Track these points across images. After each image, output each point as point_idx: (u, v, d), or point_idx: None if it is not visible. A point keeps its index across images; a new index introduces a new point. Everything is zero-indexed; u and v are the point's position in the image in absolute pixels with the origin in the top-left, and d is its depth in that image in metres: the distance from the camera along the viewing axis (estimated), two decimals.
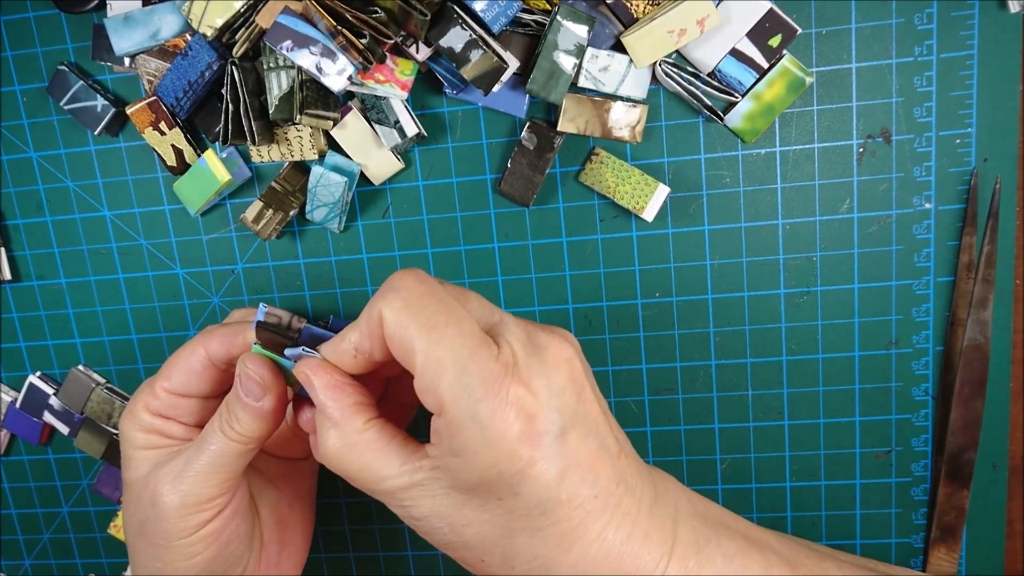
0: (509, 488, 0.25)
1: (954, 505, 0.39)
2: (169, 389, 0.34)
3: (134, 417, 0.35)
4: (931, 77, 0.36)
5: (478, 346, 0.26)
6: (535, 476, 0.25)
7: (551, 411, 0.26)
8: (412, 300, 0.27)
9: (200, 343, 0.34)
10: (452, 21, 0.34)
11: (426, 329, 0.26)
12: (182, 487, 0.32)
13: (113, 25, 0.37)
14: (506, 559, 0.27)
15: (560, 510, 0.26)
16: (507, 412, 0.25)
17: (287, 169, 0.39)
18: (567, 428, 0.26)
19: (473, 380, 0.25)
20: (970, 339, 0.38)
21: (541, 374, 0.26)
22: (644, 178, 0.38)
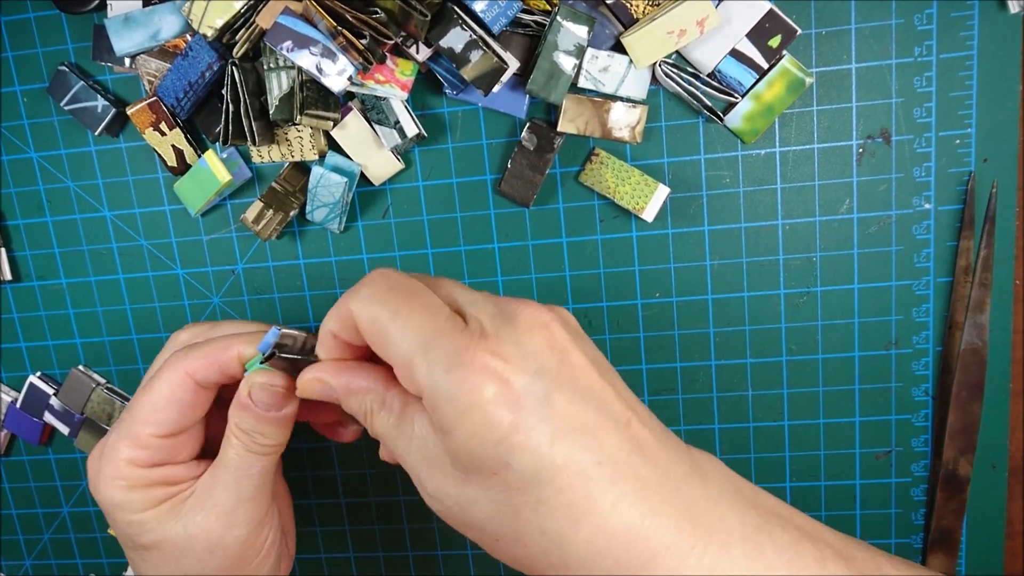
0: (498, 459, 0.24)
1: (952, 508, 0.39)
2: (159, 434, 0.32)
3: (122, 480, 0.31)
4: (931, 78, 0.36)
5: (442, 323, 0.25)
6: (522, 442, 0.24)
7: (528, 374, 0.25)
8: (377, 293, 0.27)
9: (180, 370, 0.32)
10: (452, 21, 0.34)
11: (391, 316, 0.26)
12: (240, 518, 0.32)
13: (113, 26, 0.37)
14: (516, 538, 0.25)
15: (559, 477, 0.24)
16: (476, 379, 0.24)
17: (287, 169, 0.39)
18: (552, 391, 0.25)
19: (439, 355, 0.25)
20: (967, 343, 0.38)
21: (512, 340, 0.25)
22: (644, 178, 0.38)
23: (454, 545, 0.45)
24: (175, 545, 0.32)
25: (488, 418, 0.24)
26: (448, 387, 0.24)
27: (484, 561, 0.44)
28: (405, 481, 0.44)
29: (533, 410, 0.24)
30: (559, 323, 0.27)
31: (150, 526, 0.32)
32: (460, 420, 0.24)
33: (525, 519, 0.25)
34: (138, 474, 0.32)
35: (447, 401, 0.24)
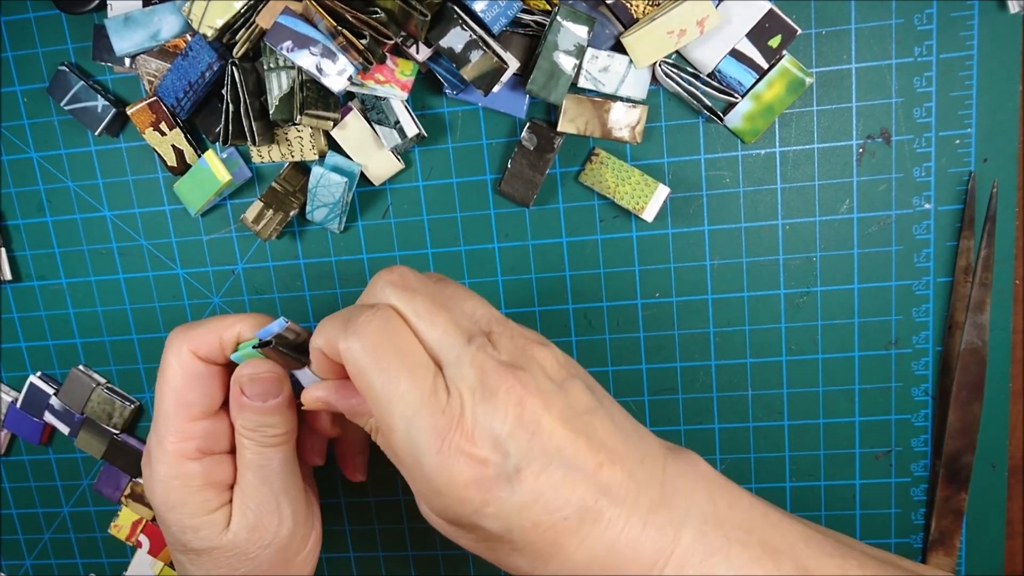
0: (472, 525, 0.27)
1: (952, 508, 0.39)
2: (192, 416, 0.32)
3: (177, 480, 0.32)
4: (931, 78, 0.36)
5: (426, 399, 0.27)
6: (493, 513, 0.26)
7: (499, 457, 0.26)
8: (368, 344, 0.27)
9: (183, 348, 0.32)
10: (452, 21, 0.34)
11: (378, 377, 0.27)
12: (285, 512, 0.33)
13: (113, 26, 0.37)
14: (501, 565, 0.29)
15: (529, 535, 0.27)
16: (454, 463, 0.26)
17: (287, 169, 0.39)
18: (521, 466, 0.26)
19: (421, 435, 0.26)
20: (967, 343, 0.38)
21: (487, 424, 0.27)
22: (644, 178, 0.38)
23: (454, 545, 0.44)
24: (228, 551, 0.33)
25: (462, 499, 0.26)
26: (428, 467, 0.26)
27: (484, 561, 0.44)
28: (405, 481, 0.44)
29: (503, 487, 0.26)
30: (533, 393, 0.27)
31: (204, 533, 0.32)
32: (437, 496, 0.27)
33: (503, 556, 0.28)
34: (190, 469, 0.32)
35: (425, 480, 0.27)
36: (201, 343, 0.32)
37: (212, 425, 0.33)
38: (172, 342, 0.32)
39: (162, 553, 0.46)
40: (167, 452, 0.32)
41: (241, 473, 0.33)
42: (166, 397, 0.32)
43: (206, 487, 0.32)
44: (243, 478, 0.33)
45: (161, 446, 0.32)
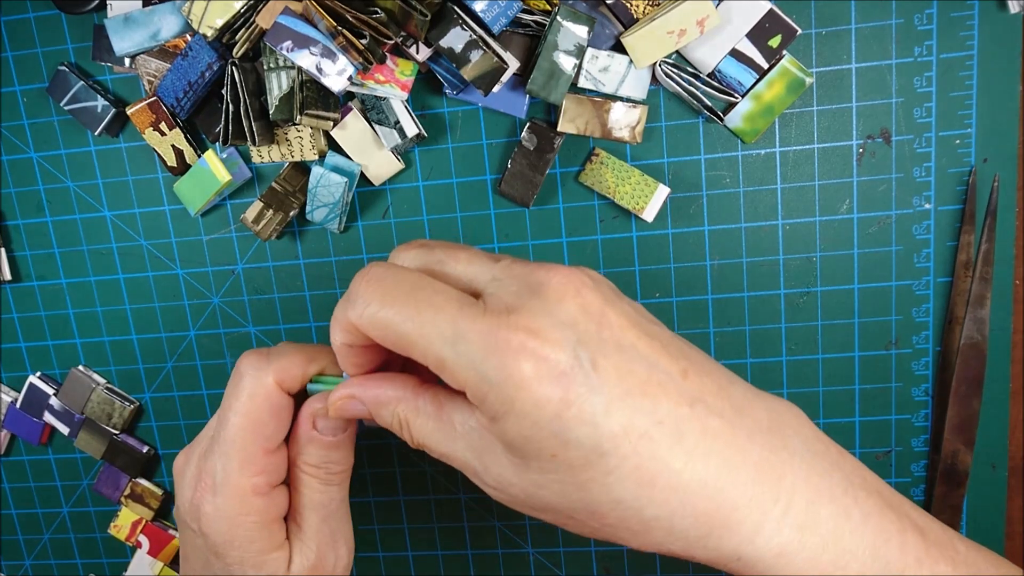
0: (555, 439, 0.23)
1: (950, 503, 0.39)
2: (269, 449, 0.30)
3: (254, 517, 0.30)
4: (931, 77, 0.36)
5: (460, 313, 0.24)
6: (576, 416, 0.23)
7: (568, 345, 0.23)
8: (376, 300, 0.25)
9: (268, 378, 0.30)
10: (452, 21, 0.34)
11: (403, 320, 0.25)
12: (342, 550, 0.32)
13: (113, 25, 0.37)
14: (591, 513, 0.24)
15: (622, 445, 0.23)
16: (515, 361, 0.23)
17: (287, 169, 0.39)
18: (596, 358, 0.23)
19: (469, 346, 0.23)
20: (967, 337, 0.38)
21: (543, 312, 0.24)
22: (644, 178, 0.38)
23: (454, 545, 0.45)
24: None
25: (537, 398, 0.23)
26: (489, 375, 0.23)
27: (484, 561, 0.44)
28: (405, 481, 0.44)
29: (581, 382, 0.23)
30: (590, 286, 0.25)
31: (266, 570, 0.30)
32: (509, 406, 0.23)
33: (595, 494, 0.24)
34: (257, 505, 0.30)
35: (491, 389, 0.23)
36: (286, 375, 0.30)
37: (279, 456, 0.31)
38: (254, 371, 0.30)
39: (162, 553, 0.46)
40: (239, 487, 0.29)
41: (301, 512, 0.31)
42: (244, 429, 0.29)
43: (271, 522, 0.30)
44: (304, 517, 0.31)
45: (230, 480, 0.29)
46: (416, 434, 0.27)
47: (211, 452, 0.30)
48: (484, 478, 0.26)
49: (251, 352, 0.31)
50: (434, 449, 0.27)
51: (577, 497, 0.24)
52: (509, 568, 0.44)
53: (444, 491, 0.44)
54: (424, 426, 0.27)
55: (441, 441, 0.26)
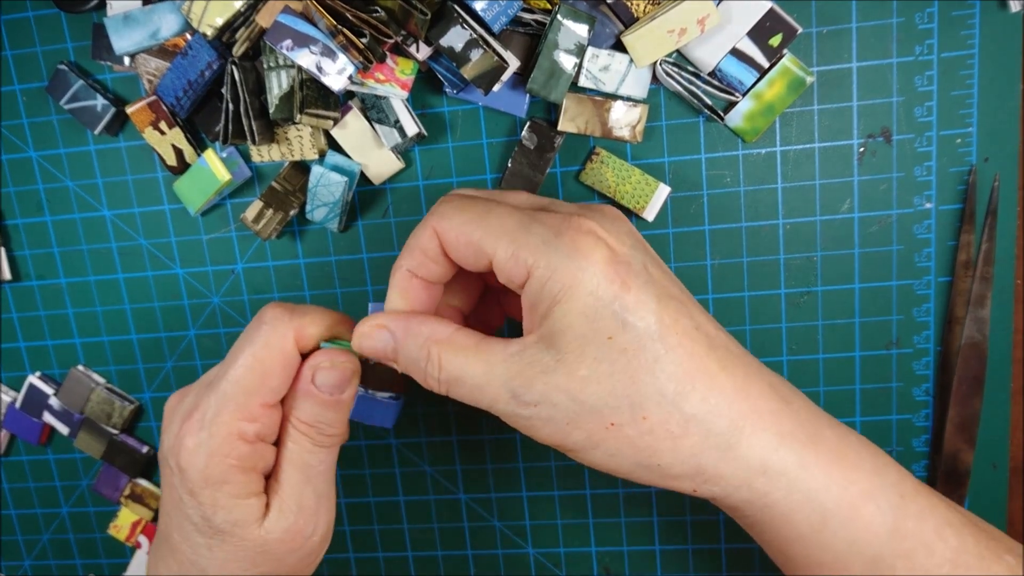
0: (614, 318, 0.25)
1: None
2: (268, 403, 0.30)
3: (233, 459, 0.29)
4: (932, 76, 0.36)
5: (534, 212, 0.27)
6: (634, 301, 0.25)
7: (627, 245, 0.26)
8: (458, 206, 0.28)
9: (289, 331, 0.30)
10: (452, 20, 0.34)
11: (482, 218, 0.27)
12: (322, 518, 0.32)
13: (113, 24, 0.37)
14: (635, 409, 0.26)
15: (669, 336, 0.25)
16: (586, 239, 0.25)
17: (287, 169, 0.39)
18: (647, 263, 0.26)
19: (543, 229, 0.26)
20: (968, 337, 0.38)
21: (604, 221, 0.27)
22: (644, 178, 0.38)
23: (454, 545, 0.44)
24: (255, 545, 0.30)
25: (605, 275, 0.25)
26: (560, 249, 0.25)
27: (484, 561, 0.44)
28: (405, 481, 0.44)
29: (639, 274, 0.26)
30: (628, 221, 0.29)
31: (236, 515, 0.30)
32: (576, 281, 0.25)
33: (643, 384, 0.25)
34: (241, 450, 0.29)
35: (561, 265, 0.25)
36: (305, 332, 0.30)
37: (276, 413, 0.31)
38: (277, 322, 0.30)
39: None
40: (228, 427, 0.29)
41: (285, 469, 0.31)
42: (251, 374, 0.29)
43: (249, 470, 0.30)
44: (287, 475, 0.31)
45: (220, 419, 0.29)
46: (448, 368, 0.28)
47: (209, 390, 0.30)
48: (525, 396, 0.26)
49: (276, 304, 0.31)
50: (466, 382, 0.27)
51: (623, 391, 0.25)
52: (509, 568, 0.44)
53: (444, 491, 0.44)
54: (457, 359, 0.27)
55: (477, 373, 0.27)
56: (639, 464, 0.27)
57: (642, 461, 0.26)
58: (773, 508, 0.26)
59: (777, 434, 0.26)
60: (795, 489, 0.26)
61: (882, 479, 0.27)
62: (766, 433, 0.26)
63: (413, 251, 0.29)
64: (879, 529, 0.26)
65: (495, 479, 0.43)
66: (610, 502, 0.43)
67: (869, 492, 0.27)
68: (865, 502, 0.27)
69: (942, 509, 0.28)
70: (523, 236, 0.26)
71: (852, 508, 0.26)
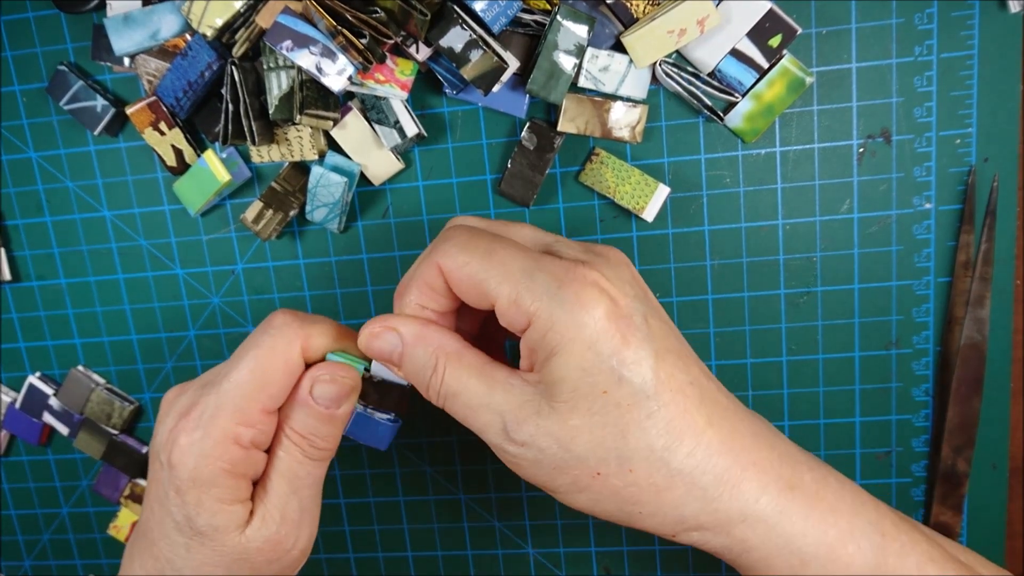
0: (611, 373, 0.26)
1: (950, 505, 0.39)
2: (268, 409, 0.30)
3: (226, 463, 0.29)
4: (931, 77, 0.36)
5: (539, 255, 0.27)
6: (633, 357, 0.26)
7: (628, 296, 0.26)
8: (463, 242, 0.28)
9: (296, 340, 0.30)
10: (452, 21, 0.34)
11: (486, 258, 0.27)
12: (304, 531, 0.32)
13: (113, 25, 0.37)
14: (622, 462, 0.26)
15: (663, 392, 0.26)
16: (589, 292, 0.26)
17: (287, 169, 0.39)
18: (647, 315, 0.27)
19: (546, 278, 0.26)
20: (967, 337, 0.38)
21: (608, 269, 0.27)
22: (644, 178, 0.38)
23: (454, 546, 0.44)
24: (234, 551, 0.30)
25: (604, 329, 0.25)
26: (563, 302, 0.26)
27: (484, 561, 0.44)
28: (405, 481, 0.44)
29: (638, 328, 0.26)
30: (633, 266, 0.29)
31: (219, 520, 0.30)
32: (576, 334, 0.25)
33: (633, 438, 0.26)
34: (234, 454, 0.29)
35: (563, 316, 0.25)
36: (313, 342, 0.30)
37: (273, 420, 0.31)
38: (285, 328, 0.30)
39: None
40: (222, 429, 0.29)
41: (273, 478, 0.31)
42: (253, 379, 0.29)
43: (239, 476, 0.30)
44: (273, 484, 0.31)
45: (217, 420, 0.29)
46: (449, 382, 0.28)
47: (209, 390, 0.30)
48: (515, 434, 0.27)
49: (286, 311, 0.31)
50: (464, 401, 0.28)
51: (612, 443, 0.26)
52: (509, 568, 0.44)
53: (444, 491, 0.44)
54: (461, 375, 0.28)
55: (476, 394, 0.27)
56: (620, 509, 0.27)
57: (624, 508, 0.27)
58: (752, 553, 0.27)
59: (759, 485, 0.27)
60: (774, 535, 0.27)
61: (861, 519, 0.28)
62: (748, 484, 0.27)
63: (420, 287, 0.29)
64: (860, 569, 0.27)
65: (495, 479, 0.43)
66: None
67: (849, 533, 0.27)
68: (845, 544, 0.27)
69: (923, 544, 0.28)
70: (526, 283, 0.26)
71: (831, 550, 0.27)
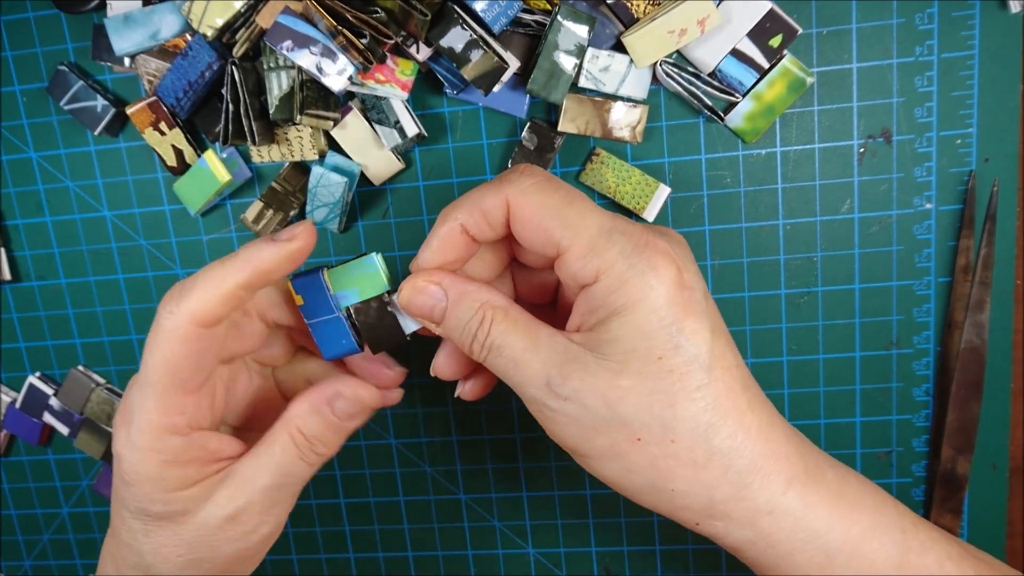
0: (669, 339, 0.26)
1: (950, 507, 0.39)
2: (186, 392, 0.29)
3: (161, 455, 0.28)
4: (932, 77, 0.36)
5: (614, 215, 0.27)
6: (693, 327, 0.26)
7: (691, 272, 0.27)
8: (539, 186, 0.27)
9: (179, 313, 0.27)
10: (452, 21, 0.34)
11: (566, 206, 0.27)
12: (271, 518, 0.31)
13: (113, 25, 0.37)
14: (666, 430, 0.26)
15: (716, 367, 0.26)
16: (661, 260, 0.26)
17: (287, 169, 0.39)
18: (705, 293, 0.27)
19: (623, 239, 0.26)
20: (967, 341, 0.38)
21: (674, 246, 0.27)
22: (645, 178, 0.38)
23: (454, 545, 0.44)
24: (193, 530, 0.30)
25: (671, 296, 0.26)
26: (636, 264, 0.26)
27: (484, 561, 0.44)
28: (405, 481, 0.44)
29: (699, 301, 0.26)
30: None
31: (174, 506, 0.29)
32: (644, 296, 0.25)
33: (680, 408, 0.26)
34: (173, 444, 0.28)
35: (634, 277, 0.26)
36: (201, 311, 0.28)
37: (204, 400, 0.30)
38: (167, 312, 0.28)
39: None
40: (153, 424, 0.28)
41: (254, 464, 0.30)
42: (160, 370, 0.28)
43: (187, 463, 0.29)
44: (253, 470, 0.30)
45: (144, 416, 0.28)
46: (495, 335, 0.28)
47: (136, 384, 0.29)
48: (559, 388, 0.26)
49: (170, 292, 0.29)
50: (507, 353, 0.27)
51: (659, 409, 0.26)
52: (509, 568, 0.44)
53: (444, 491, 0.44)
54: (508, 330, 0.28)
55: (521, 347, 0.27)
56: (652, 485, 0.27)
57: (656, 483, 0.27)
58: (776, 548, 0.27)
59: (787, 477, 0.27)
60: (799, 529, 0.27)
61: (883, 516, 0.28)
62: (778, 476, 0.27)
63: (473, 210, 0.28)
64: (884, 565, 0.27)
65: (495, 479, 0.43)
66: (610, 502, 0.43)
67: (872, 529, 0.27)
68: (868, 540, 0.27)
69: (942, 542, 0.29)
70: (603, 242, 0.26)
71: (856, 546, 0.27)
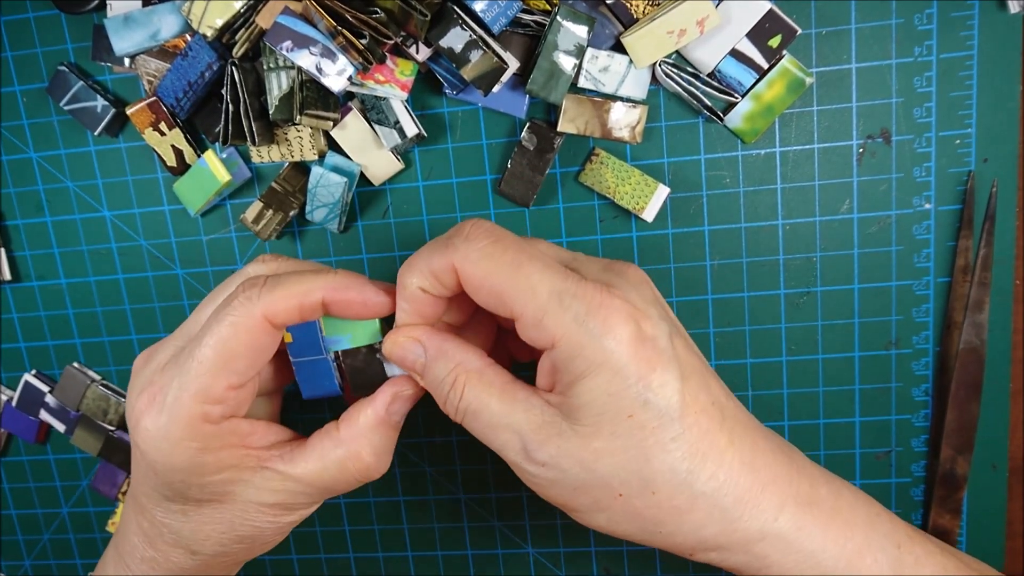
0: (637, 397, 0.25)
1: (949, 508, 0.39)
2: (234, 385, 0.28)
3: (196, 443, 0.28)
4: (931, 77, 0.36)
5: (566, 275, 0.26)
6: (659, 380, 0.25)
7: (653, 319, 0.26)
8: (487, 252, 0.27)
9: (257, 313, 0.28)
10: (452, 21, 0.34)
11: (513, 272, 0.26)
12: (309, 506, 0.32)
13: (113, 25, 0.37)
14: (645, 484, 0.26)
15: (687, 414, 0.26)
16: (617, 319, 0.25)
17: (287, 169, 0.39)
18: (672, 335, 0.26)
19: (574, 303, 0.25)
20: (966, 342, 0.38)
21: (632, 290, 0.27)
22: (644, 178, 0.38)
23: (454, 545, 0.44)
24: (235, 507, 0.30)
25: (633, 355, 0.25)
26: (591, 329, 0.25)
27: (484, 561, 0.44)
28: (405, 481, 0.44)
29: (664, 351, 0.26)
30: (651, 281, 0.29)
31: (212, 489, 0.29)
32: (604, 359, 0.25)
33: (657, 461, 0.26)
34: (209, 432, 0.28)
35: (591, 343, 0.25)
36: (279, 309, 0.28)
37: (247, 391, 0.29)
38: (245, 300, 0.28)
39: None
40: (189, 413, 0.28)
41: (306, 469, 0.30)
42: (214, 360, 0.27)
43: (219, 448, 0.29)
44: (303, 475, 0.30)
45: (181, 403, 0.28)
46: (469, 399, 0.27)
47: (172, 367, 0.28)
48: (535, 454, 0.27)
49: (251, 279, 0.29)
50: (484, 420, 0.27)
51: (636, 466, 0.26)
52: (509, 568, 0.44)
53: (444, 491, 0.44)
54: (482, 395, 0.27)
55: (496, 413, 0.27)
56: (642, 529, 0.27)
57: (645, 528, 0.27)
58: (771, 570, 0.27)
59: (778, 502, 0.27)
60: (793, 551, 0.27)
61: (877, 531, 0.28)
62: (767, 502, 0.27)
63: (425, 274, 0.28)
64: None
65: (495, 479, 0.43)
66: None
67: (866, 546, 0.27)
68: (863, 556, 0.27)
69: (938, 555, 0.29)
70: (555, 307, 0.26)
71: (850, 564, 0.27)
